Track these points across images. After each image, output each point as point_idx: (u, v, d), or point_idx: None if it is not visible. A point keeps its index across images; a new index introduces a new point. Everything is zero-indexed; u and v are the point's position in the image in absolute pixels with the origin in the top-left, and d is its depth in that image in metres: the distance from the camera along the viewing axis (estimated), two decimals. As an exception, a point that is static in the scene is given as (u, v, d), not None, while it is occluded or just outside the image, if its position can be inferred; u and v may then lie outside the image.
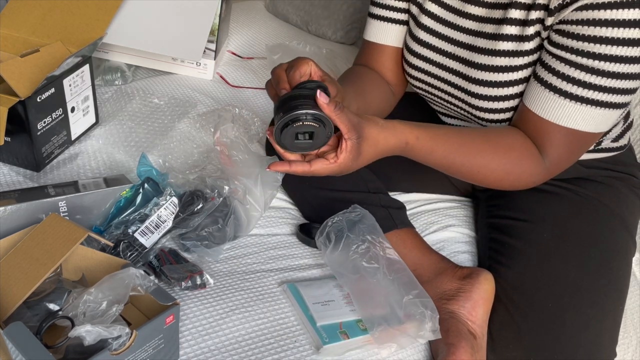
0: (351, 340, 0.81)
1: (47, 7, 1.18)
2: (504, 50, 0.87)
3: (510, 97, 0.90)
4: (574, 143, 0.85)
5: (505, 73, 0.88)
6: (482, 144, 0.86)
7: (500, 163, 0.85)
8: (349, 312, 0.85)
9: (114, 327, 0.63)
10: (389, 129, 0.78)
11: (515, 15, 0.85)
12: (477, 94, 0.91)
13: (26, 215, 0.84)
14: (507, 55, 0.87)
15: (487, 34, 0.89)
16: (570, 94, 0.81)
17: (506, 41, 0.86)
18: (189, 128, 1.22)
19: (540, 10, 0.83)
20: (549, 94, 0.83)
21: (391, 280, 0.83)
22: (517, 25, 0.85)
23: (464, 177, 0.88)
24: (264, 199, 0.97)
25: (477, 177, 0.86)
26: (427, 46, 0.97)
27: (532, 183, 0.88)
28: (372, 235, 0.87)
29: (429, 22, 0.96)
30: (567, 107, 0.82)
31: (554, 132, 0.84)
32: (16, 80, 0.96)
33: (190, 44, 1.33)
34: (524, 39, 0.85)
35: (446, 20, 0.94)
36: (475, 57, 0.90)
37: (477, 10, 0.90)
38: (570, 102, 0.81)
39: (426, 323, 0.79)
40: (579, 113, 0.81)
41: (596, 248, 0.92)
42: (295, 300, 0.86)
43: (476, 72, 0.90)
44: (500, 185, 0.88)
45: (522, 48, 0.86)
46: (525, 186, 0.88)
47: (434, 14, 0.96)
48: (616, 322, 0.89)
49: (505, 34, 0.86)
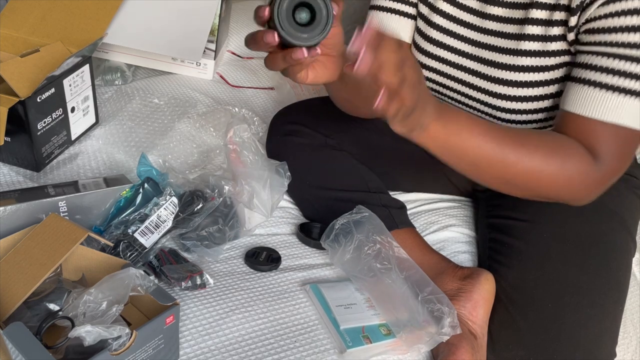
0: (374, 345, 0.81)
1: (47, 7, 1.18)
2: (529, 50, 0.86)
3: (536, 99, 0.89)
4: (623, 141, 0.80)
5: (530, 73, 0.87)
6: (524, 137, 0.78)
7: (551, 156, 0.78)
8: (371, 316, 0.85)
9: (114, 327, 0.63)
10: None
11: (537, 15, 0.85)
12: (500, 94, 0.91)
13: (26, 215, 0.84)
14: (532, 55, 0.86)
15: (509, 34, 0.89)
16: (612, 86, 0.77)
17: (530, 41, 0.86)
18: (189, 128, 1.22)
19: (563, 11, 0.82)
20: (589, 90, 0.79)
21: (404, 279, 0.83)
22: (540, 25, 0.85)
23: (509, 183, 0.79)
24: (270, 203, 0.97)
25: (526, 175, 0.77)
26: (441, 46, 0.96)
27: (587, 187, 0.80)
28: (381, 236, 0.87)
29: (442, 22, 0.95)
30: (611, 101, 0.77)
31: (601, 130, 0.78)
32: (16, 80, 0.96)
33: (190, 44, 1.33)
34: (549, 39, 0.85)
35: (462, 20, 0.94)
36: (498, 57, 0.90)
37: (497, 11, 0.90)
38: (614, 94, 0.77)
39: (445, 319, 0.79)
40: (624, 107, 0.77)
41: (596, 248, 0.92)
42: (318, 301, 0.86)
43: (500, 72, 0.90)
44: (555, 187, 0.79)
45: (547, 48, 0.85)
46: (583, 191, 0.81)
47: (447, 13, 0.95)
48: (616, 322, 0.89)
49: (529, 34, 0.86)
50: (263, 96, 1.42)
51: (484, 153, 0.76)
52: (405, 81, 0.64)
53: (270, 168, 0.98)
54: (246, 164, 0.96)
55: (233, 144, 0.97)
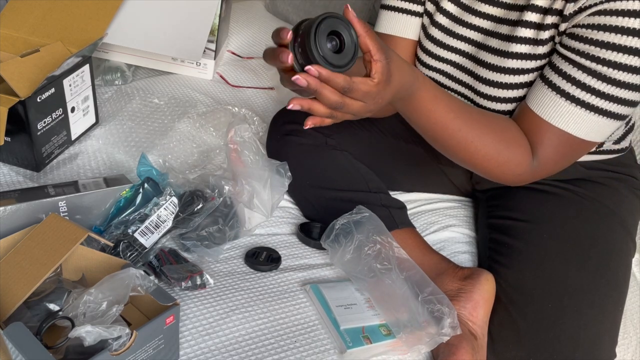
0: (374, 345, 0.81)
1: (47, 7, 1.18)
2: (517, 52, 0.87)
3: (517, 100, 0.89)
4: (563, 147, 0.84)
5: (515, 75, 0.88)
6: (481, 117, 0.85)
7: (494, 140, 0.83)
8: (371, 317, 0.85)
9: (114, 327, 0.63)
10: (404, 60, 0.75)
11: (531, 19, 0.85)
12: (485, 94, 0.91)
13: (26, 215, 0.84)
14: (519, 58, 0.87)
15: (501, 34, 0.89)
16: (568, 94, 0.81)
17: (520, 44, 0.86)
18: (189, 128, 1.22)
19: (555, 15, 0.83)
20: (548, 92, 0.83)
21: (404, 280, 0.83)
22: (532, 28, 0.85)
23: (453, 148, 0.84)
24: (271, 203, 0.97)
25: (467, 148, 0.83)
26: (442, 45, 0.97)
27: (518, 176, 0.86)
28: (382, 236, 0.87)
29: (444, 21, 0.96)
30: (563, 108, 0.81)
31: (546, 131, 0.83)
32: (16, 80, 0.96)
33: (190, 44, 1.33)
34: (538, 43, 0.85)
35: (460, 19, 0.94)
36: (486, 57, 0.90)
37: (492, 10, 0.90)
38: (567, 102, 0.81)
39: (445, 319, 0.79)
40: (573, 115, 0.81)
41: (596, 249, 0.92)
42: (318, 301, 0.86)
43: (486, 72, 0.90)
44: (488, 166, 0.85)
45: (535, 52, 0.86)
46: (510, 177, 0.86)
47: (449, 13, 0.95)
48: (616, 323, 0.89)
49: (520, 36, 0.86)
50: (263, 96, 1.42)
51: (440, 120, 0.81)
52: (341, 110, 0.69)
53: (271, 168, 0.97)
54: (247, 163, 0.96)
55: (234, 144, 0.97)
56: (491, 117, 0.86)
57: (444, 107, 0.80)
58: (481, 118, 0.84)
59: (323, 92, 0.66)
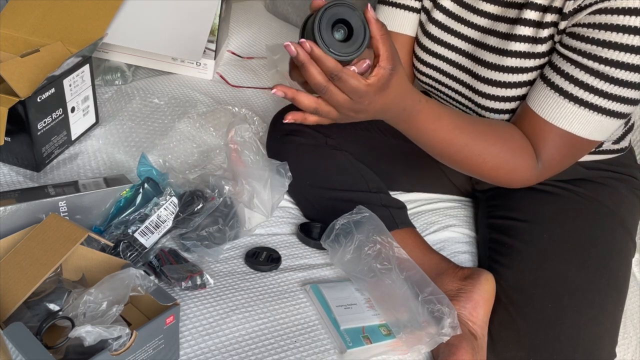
0: (374, 345, 0.81)
1: (47, 7, 1.18)
2: (516, 51, 0.87)
3: (517, 99, 0.89)
4: (566, 147, 0.84)
5: (514, 74, 0.88)
6: (486, 128, 0.85)
7: (501, 150, 0.83)
8: (371, 317, 0.85)
9: (114, 327, 0.63)
10: (408, 81, 0.75)
11: (530, 16, 0.85)
12: (484, 93, 0.91)
13: (26, 215, 0.84)
14: (518, 57, 0.87)
15: (499, 32, 0.89)
16: (570, 94, 0.81)
17: (519, 42, 0.86)
18: (189, 128, 1.22)
19: (555, 13, 0.83)
20: (549, 93, 0.83)
21: (404, 280, 0.83)
22: (531, 26, 0.85)
23: (461, 162, 0.84)
24: (271, 203, 0.97)
25: (475, 161, 0.83)
26: (439, 42, 0.97)
27: (525, 181, 0.87)
28: (382, 236, 0.87)
29: (441, 18, 0.96)
30: (565, 108, 0.81)
31: (549, 132, 0.83)
32: (16, 80, 0.96)
33: (190, 44, 1.33)
34: (538, 41, 0.85)
35: (458, 16, 0.94)
36: (484, 56, 0.90)
37: (491, 8, 0.90)
38: (569, 102, 0.81)
39: (445, 319, 0.79)
40: (575, 116, 0.81)
41: (596, 249, 0.92)
42: (318, 301, 0.86)
43: (484, 71, 0.90)
44: (496, 175, 0.86)
45: (534, 50, 0.86)
46: (518, 183, 0.87)
47: (446, 9, 0.95)
48: (616, 323, 0.89)
49: (519, 34, 0.86)
50: (263, 96, 1.42)
51: (446, 138, 0.81)
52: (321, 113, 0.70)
53: (271, 168, 0.97)
54: (247, 163, 0.96)
55: (234, 144, 0.97)
56: (495, 126, 0.86)
57: (448, 125, 0.80)
58: (486, 129, 0.84)
59: (310, 69, 0.66)
